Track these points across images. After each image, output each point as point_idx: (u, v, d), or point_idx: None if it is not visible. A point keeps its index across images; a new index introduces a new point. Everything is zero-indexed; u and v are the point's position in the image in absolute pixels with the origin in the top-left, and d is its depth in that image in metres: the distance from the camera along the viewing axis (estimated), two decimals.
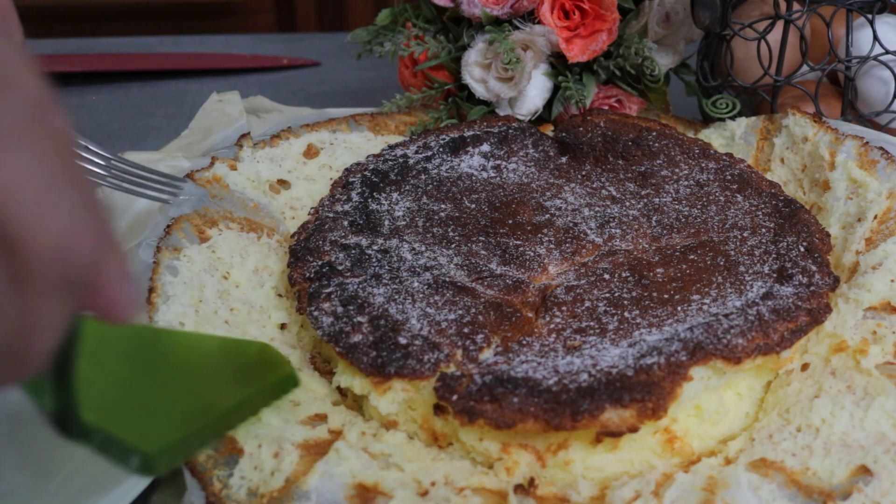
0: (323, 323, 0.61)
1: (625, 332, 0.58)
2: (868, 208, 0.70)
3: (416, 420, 0.58)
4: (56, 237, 0.34)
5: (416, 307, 0.61)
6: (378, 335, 0.58)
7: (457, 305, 0.61)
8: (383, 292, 0.62)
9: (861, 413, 0.56)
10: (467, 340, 0.58)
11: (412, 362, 0.57)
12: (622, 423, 0.52)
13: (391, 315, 0.60)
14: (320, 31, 2.15)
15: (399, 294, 0.62)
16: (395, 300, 0.62)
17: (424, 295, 0.62)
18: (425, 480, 0.53)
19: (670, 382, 0.53)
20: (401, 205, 0.72)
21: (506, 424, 0.52)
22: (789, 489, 0.52)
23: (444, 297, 0.62)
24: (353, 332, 0.59)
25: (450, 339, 0.58)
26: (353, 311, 0.61)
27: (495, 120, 0.83)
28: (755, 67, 0.86)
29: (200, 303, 0.64)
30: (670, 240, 0.68)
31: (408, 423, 0.58)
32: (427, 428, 0.57)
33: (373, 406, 0.58)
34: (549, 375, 0.54)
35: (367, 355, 0.58)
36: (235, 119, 0.82)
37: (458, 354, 0.58)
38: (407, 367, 0.56)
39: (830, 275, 0.63)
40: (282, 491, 0.52)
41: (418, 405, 0.57)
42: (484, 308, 0.61)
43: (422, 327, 0.59)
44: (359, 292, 0.62)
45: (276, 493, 0.52)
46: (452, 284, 0.63)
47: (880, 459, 0.52)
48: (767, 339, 0.57)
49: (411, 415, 0.58)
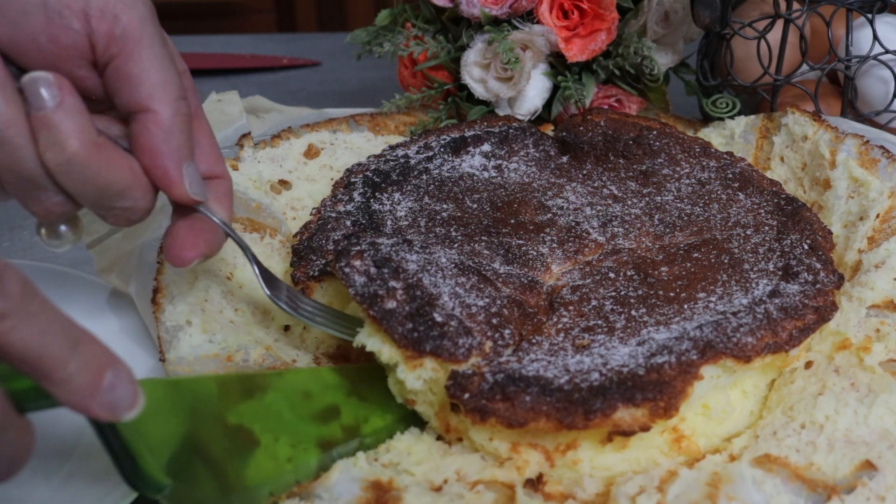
0: (355, 282, 0.59)
1: (633, 330, 0.58)
2: (870, 207, 0.70)
3: (433, 404, 0.57)
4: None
5: (447, 283, 0.60)
6: (415, 307, 0.57)
7: (483, 292, 0.60)
8: (416, 259, 0.61)
9: (865, 410, 0.56)
10: (496, 333, 0.58)
11: (448, 343, 0.56)
12: (634, 423, 0.52)
13: (425, 287, 0.59)
14: (320, 31, 2.15)
15: (431, 266, 0.61)
16: (427, 271, 0.60)
17: (452, 273, 0.61)
18: (437, 479, 0.53)
19: (682, 381, 0.53)
20: (403, 205, 0.72)
21: (518, 423, 0.52)
22: (793, 483, 0.52)
23: (471, 281, 0.61)
24: (388, 298, 0.58)
25: (480, 328, 0.58)
26: (387, 274, 0.59)
27: (496, 120, 0.83)
28: (755, 66, 0.86)
29: (206, 302, 0.64)
30: (673, 238, 0.68)
31: (425, 406, 0.58)
32: (442, 417, 0.57)
33: (399, 379, 0.57)
34: (561, 374, 0.54)
35: (404, 326, 0.56)
36: (235, 119, 0.82)
37: (488, 346, 0.57)
38: (443, 348, 0.56)
39: (835, 272, 0.63)
40: (301, 487, 0.52)
41: (440, 389, 0.57)
42: (508, 302, 0.60)
43: (454, 307, 0.58)
44: (392, 255, 0.61)
45: (294, 489, 0.52)
46: (476, 271, 0.62)
47: (884, 455, 0.53)
48: (776, 338, 0.57)
49: (430, 398, 0.57)
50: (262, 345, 0.62)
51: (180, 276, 0.65)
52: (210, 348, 0.61)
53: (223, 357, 0.60)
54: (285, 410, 0.55)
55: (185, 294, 0.63)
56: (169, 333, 0.61)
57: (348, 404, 0.58)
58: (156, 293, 0.63)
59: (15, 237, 0.91)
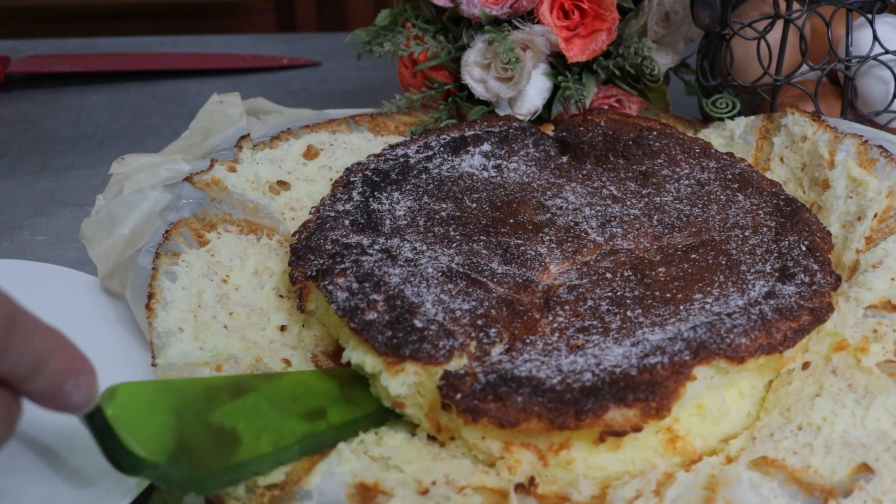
0: (337, 297, 0.61)
1: (627, 331, 0.58)
2: (868, 207, 0.70)
3: (422, 406, 0.58)
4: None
5: (431, 292, 0.61)
6: (394, 315, 0.58)
7: (470, 296, 0.61)
8: (399, 273, 0.63)
9: (862, 411, 0.56)
10: (481, 333, 0.58)
11: (427, 346, 0.57)
12: (626, 423, 0.52)
13: (407, 296, 0.60)
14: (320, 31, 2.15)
15: (414, 277, 0.62)
16: (410, 282, 0.62)
17: (439, 281, 0.62)
18: (426, 480, 0.53)
19: (674, 382, 0.53)
20: (402, 204, 0.72)
21: (510, 423, 0.52)
22: (790, 487, 0.52)
23: (458, 287, 0.62)
24: (369, 310, 0.59)
25: (464, 329, 0.59)
26: (368, 288, 0.61)
27: (496, 120, 0.83)
28: (755, 67, 0.86)
29: (199, 307, 0.64)
30: (672, 239, 0.68)
31: (414, 409, 0.58)
32: (432, 417, 0.57)
33: (383, 386, 0.58)
34: (553, 374, 0.54)
35: (383, 334, 0.58)
36: (236, 120, 0.82)
37: (472, 346, 0.58)
38: (422, 351, 0.56)
39: (832, 273, 0.63)
40: (284, 491, 0.52)
41: (428, 392, 0.57)
42: (497, 303, 0.61)
43: (437, 313, 0.59)
44: (374, 270, 0.62)
45: (276, 493, 0.52)
46: (465, 275, 0.63)
47: (881, 457, 0.53)
48: (770, 339, 0.57)
49: (419, 401, 0.58)
50: (252, 354, 0.62)
51: (174, 282, 0.65)
52: (200, 356, 0.61)
53: (213, 366, 0.61)
54: (269, 410, 0.56)
55: (178, 300, 0.64)
56: (161, 339, 0.62)
57: (336, 407, 0.59)
58: (150, 299, 0.63)
59: (15, 237, 0.91)
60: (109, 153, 1.07)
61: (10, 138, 1.12)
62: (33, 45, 1.42)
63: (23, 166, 1.05)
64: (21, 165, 1.06)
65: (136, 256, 0.67)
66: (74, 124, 1.16)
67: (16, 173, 1.04)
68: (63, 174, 1.03)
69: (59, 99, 1.23)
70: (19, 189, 1.00)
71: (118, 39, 1.48)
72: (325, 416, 0.58)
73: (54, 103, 1.22)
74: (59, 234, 0.91)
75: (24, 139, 1.12)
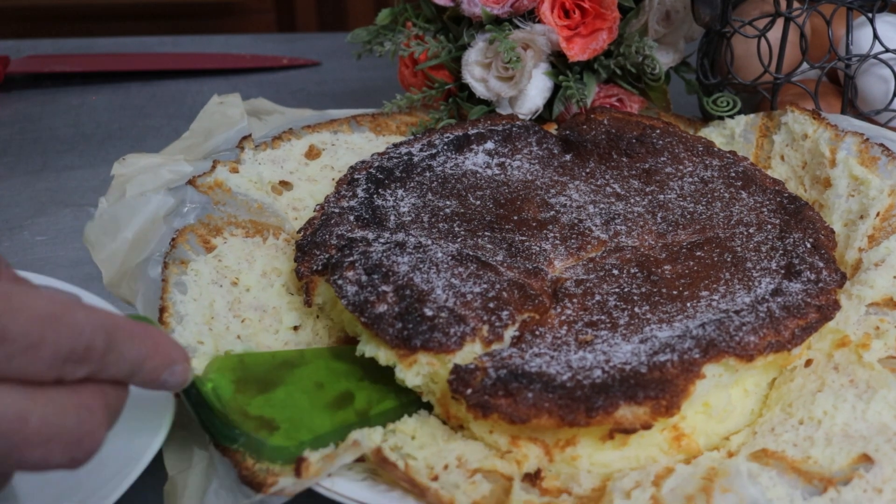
0: (347, 292, 0.61)
1: (635, 327, 0.59)
2: (870, 205, 0.71)
3: (435, 393, 0.58)
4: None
5: (442, 277, 0.61)
6: (404, 306, 0.58)
7: (481, 279, 0.61)
8: (408, 261, 0.63)
9: (863, 405, 0.56)
10: (493, 316, 0.58)
11: (438, 335, 0.57)
12: (636, 421, 0.52)
13: (416, 285, 0.60)
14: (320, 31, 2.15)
15: (424, 263, 0.62)
16: (419, 269, 0.62)
17: (449, 265, 0.62)
18: (437, 465, 0.54)
19: (684, 380, 0.54)
20: (406, 201, 0.72)
21: (520, 419, 0.53)
22: (789, 476, 0.53)
23: (469, 270, 0.62)
24: (378, 302, 0.59)
25: (475, 313, 0.59)
26: (377, 279, 0.61)
27: (499, 118, 0.84)
28: (755, 65, 0.86)
29: (212, 319, 0.64)
30: (676, 236, 0.69)
31: (429, 396, 0.59)
32: (444, 405, 0.58)
33: (399, 378, 0.58)
34: (563, 370, 0.55)
35: (393, 327, 0.58)
36: (237, 121, 0.82)
37: (485, 329, 0.58)
38: (433, 341, 0.56)
39: (837, 271, 0.64)
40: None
41: (440, 379, 0.57)
42: (508, 285, 0.61)
43: (447, 298, 0.59)
44: (383, 260, 0.62)
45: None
46: (475, 258, 0.63)
47: (882, 448, 0.53)
48: (779, 337, 0.57)
49: (432, 387, 0.58)
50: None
51: (185, 294, 0.64)
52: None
53: None
54: (301, 400, 0.57)
55: (192, 313, 0.63)
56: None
57: (361, 388, 0.59)
58: (162, 312, 0.63)
59: (15, 237, 0.91)
60: (109, 153, 1.07)
61: (10, 138, 1.12)
62: (33, 45, 1.41)
63: (23, 166, 1.05)
64: (21, 165, 1.05)
65: (144, 266, 0.66)
66: (74, 124, 1.16)
67: (16, 173, 1.04)
68: (63, 174, 1.03)
69: (59, 99, 1.23)
70: (19, 189, 1.00)
71: (118, 39, 1.48)
72: (352, 400, 0.58)
73: (54, 103, 1.22)
74: (59, 234, 0.91)
75: (24, 139, 1.12)
